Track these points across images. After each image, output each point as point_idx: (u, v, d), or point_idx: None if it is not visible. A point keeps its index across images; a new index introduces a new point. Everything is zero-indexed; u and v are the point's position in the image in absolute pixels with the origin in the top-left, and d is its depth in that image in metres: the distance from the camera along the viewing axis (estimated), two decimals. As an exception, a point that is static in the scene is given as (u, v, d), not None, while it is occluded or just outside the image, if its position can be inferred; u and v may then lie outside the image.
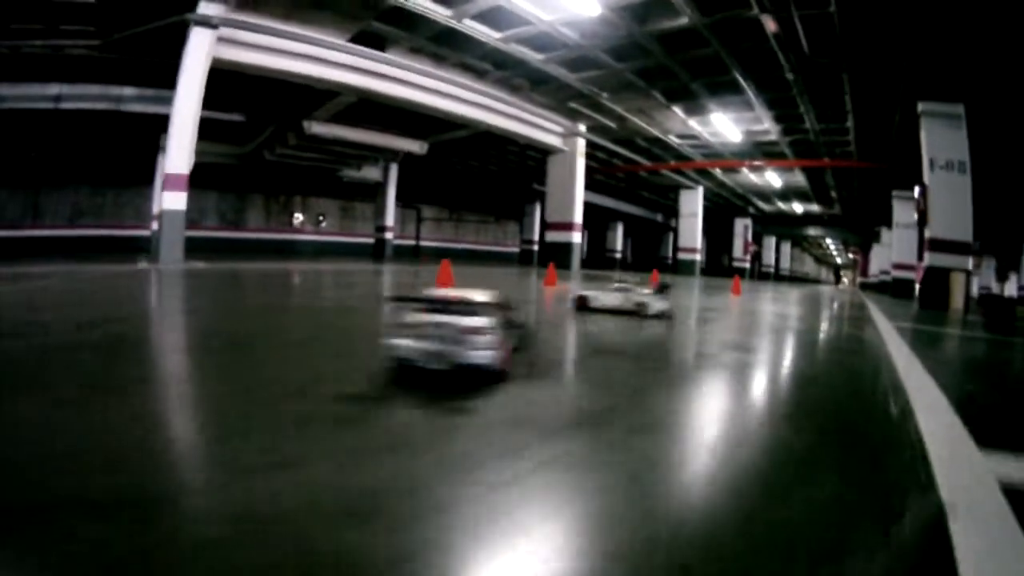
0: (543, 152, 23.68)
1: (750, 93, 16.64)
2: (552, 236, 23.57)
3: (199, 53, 12.54)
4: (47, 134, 19.60)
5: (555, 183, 23.54)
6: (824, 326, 9.05)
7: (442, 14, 13.29)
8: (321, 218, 32.30)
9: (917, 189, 15.60)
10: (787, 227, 46.60)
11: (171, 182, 12.76)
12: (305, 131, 20.46)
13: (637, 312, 7.16)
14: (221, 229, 28.10)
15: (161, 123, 14.50)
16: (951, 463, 2.59)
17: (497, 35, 14.44)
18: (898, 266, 26.18)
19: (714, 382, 4.32)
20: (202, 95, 12.84)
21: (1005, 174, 18.95)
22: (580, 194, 22.89)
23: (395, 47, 15.65)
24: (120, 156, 22.13)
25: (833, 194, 32.03)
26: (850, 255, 61.50)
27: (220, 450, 2.35)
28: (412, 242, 35.81)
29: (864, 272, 44.46)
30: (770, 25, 12.28)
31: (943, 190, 14.67)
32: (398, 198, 31.11)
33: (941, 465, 2.52)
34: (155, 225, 19.43)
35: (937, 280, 14.68)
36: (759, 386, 4.35)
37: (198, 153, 23.18)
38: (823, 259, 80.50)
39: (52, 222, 22.62)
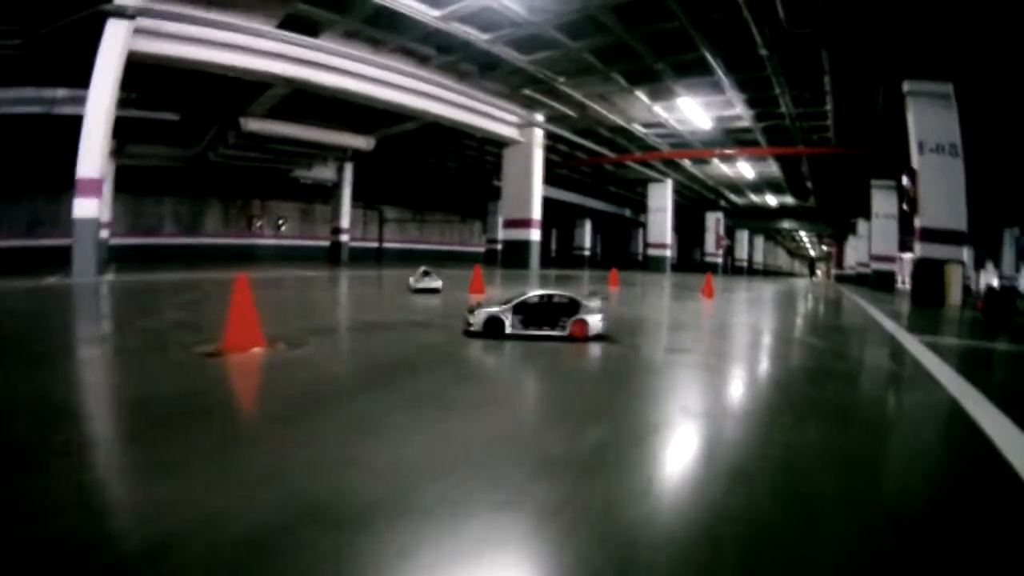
0: (499, 145, 21.93)
1: (720, 73, 14.98)
2: (509, 234, 21.78)
3: (114, 46, 11.10)
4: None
5: (512, 177, 21.73)
6: (833, 349, 7.19)
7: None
8: (281, 221, 31.42)
9: (905, 176, 14.10)
10: (760, 220, 45.39)
11: (83, 187, 11.09)
12: (242, 129, 19.12)
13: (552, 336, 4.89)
14: (179, 235, 27.43)
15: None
16: None
17: (436, 12, 12.74)
18: (878, 258, 25.48)
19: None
20: (116, 92, 11.33)
21: (987, 157, 17.67)
22: (538, 188, 21.14)
23: (329, 32, 14.08)
24: (70, 162, 20.37)
25: (809, 185, 30.55)
26: (824, 247, 61.27)
27: None
28: (375, 244, 34.62)
29: (839, 264, 43.91)
30: None
31: (935, 175, 13.19)
32: (359, 199, 30.66)
33: None
34: (103, 233, 19.12)
35: (931, 273, 13.22)
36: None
37: (141, 156, 22.88)
38: (796, 252, 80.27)
39: (9, 232, 21.78)
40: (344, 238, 28.93)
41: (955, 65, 12.67)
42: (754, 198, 37.62)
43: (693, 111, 18.33)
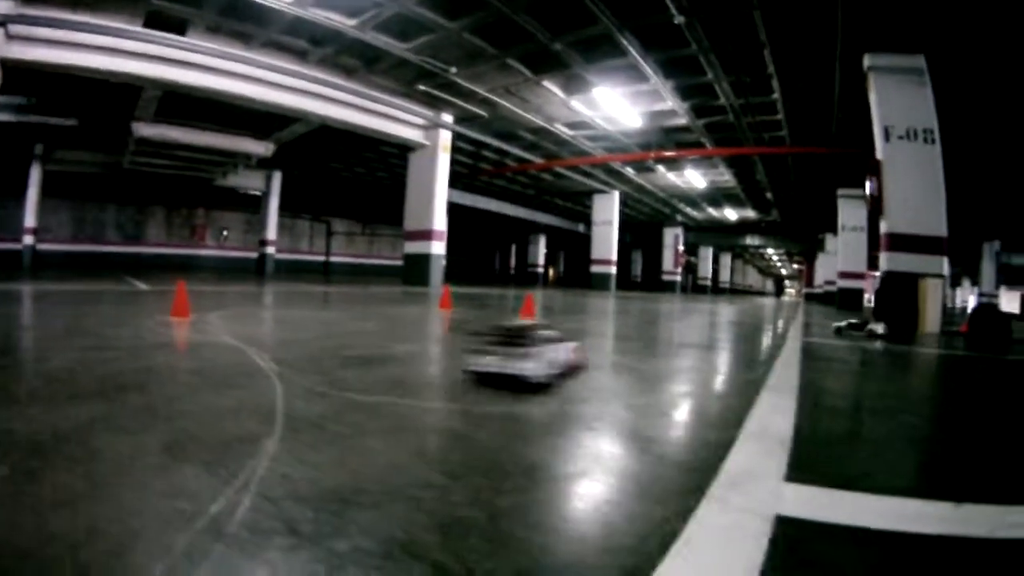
0: (403, 149, 19.60)
1: (634, 54, 12.03)
2: (410, 247, 19.27)
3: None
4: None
5: (415, 185, 19.28)
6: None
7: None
8: (224, 233, 31.02)
9: (869, 175, 11.22)
10: (724, 236, 42.90)
11: None
12: (134, 134, 18.25)
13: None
14: (121, 244, 27.23)
15: (35, 131, 18.17)
16: None
17: None
18: (844, 274, 23.43)
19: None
20: None
21: (965, 155, 15.01)
22: (442, 195, 18.72)
23: (193, 29, 12.85)
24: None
25: (769, 195, 27.72)
26: (795, 266, 60.11)
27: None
28: (321, 258, 34.67)
29: (809, 282, 42.45)
30: None
31: (905, 167, 10.34)
32: (305, 211, 32.38)
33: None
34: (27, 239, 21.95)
35: (900, 290, 10.24)
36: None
37: (69, 163, 22.88)
38: (767, 271, 78.58)
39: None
40: (270, 250, 28.47)
41: (928, 33, 9.96)
42: (713, 212, 34.69)
43: (617, 105, 15.39)
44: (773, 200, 28.85)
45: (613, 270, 28.66)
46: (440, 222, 18.72)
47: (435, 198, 18.54)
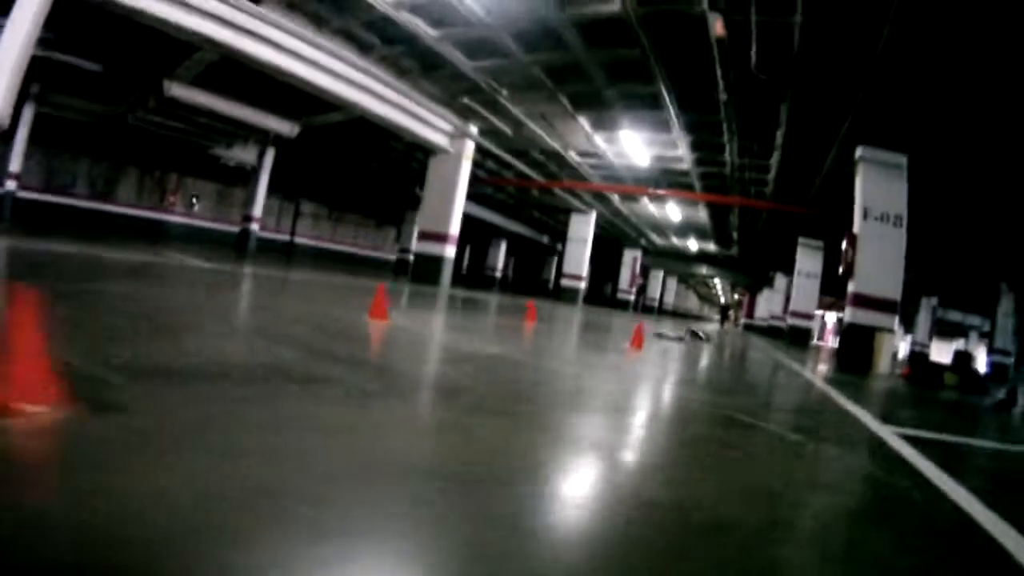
0: (426, 152, 20.43)
1: (671, 111, 14.17)
2: (423, 247, 20.21)
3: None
4: None
5: (434, 187, 20.23)
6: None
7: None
8: (195, 200, 29.35)
9: (845, 240, 13.76)
10: (678, 262, 45.58)
11: None
12: (164, 92, 17.29)
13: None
14: (90, 199, 25.26)
15: (41, 68, 15.32)
16: None
17: None
18: (796, 314, 26.09)
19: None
20: (41, 18, 9.44)
21: (920, 227, 17.79)
22: (460, 203, 19.74)
23: (269, 0, 12.49)
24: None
25: (734, 235, 30.50)
26: (736, 296, 63.17)
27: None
28: (286, 237, 32.39)
29: (749, 314, 45.01)
30: (718, 28, 9.75)
31: (875, 243, 13.05)
32: (278, 189, 29.23)
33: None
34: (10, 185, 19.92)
35: (859, 340, 13.02)
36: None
37: (63, 107, 21.45)
38: (707, 297, 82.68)
39: None
40: (255, 227, 27.13)
41: (912, 138, 12.47)
42: (676, 241, 37.49)
43: (634, 146, 17.50)
44: (737, 239, 31.59)
45: (583, 285, 30.56)
46: (456, 227, 19.71)
47: (454, 204, 19.49)
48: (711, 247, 36.74)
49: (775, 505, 2.52)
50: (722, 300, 72.28)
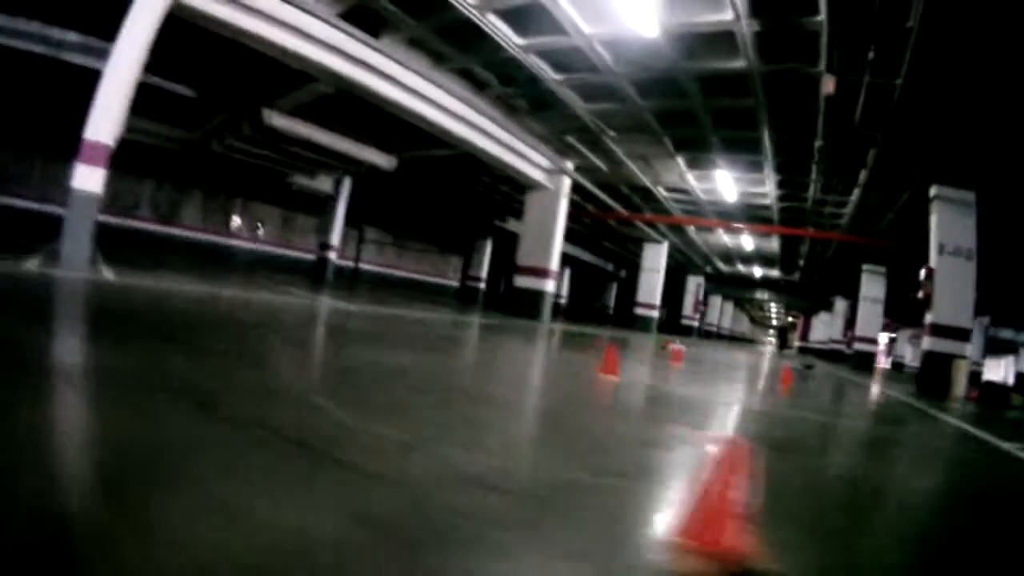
0: (520, 187, 21.18)
1: (768, 154, 15.91)
2: (522, 282, 20.76)
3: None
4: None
5: (533, 223, 20.96)
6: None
7: (467, 1, 10.77)
8: (259, 225, 29.74)
9: (923, 271, 15.22)
10: (738, 288, 46.36)
11: (89, 153, 9.35)
12: (264, 121, 17.35)
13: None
14: (154, 222, 25.49)
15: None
16: None
17: (519, 40, 12.07)
18: (861, 339, 26.84)
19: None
20: (148, 46, 9.78)
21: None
22: (560, 239, 20.39)
23: (392, 35, 12.71)
24: (53, 117, 17.94)
25: (800, 262, 31.87)
26: (789, 319, 63.75)
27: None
28: (351, 264, 32.36)
29: (803, 336, 45.36)
30: (829, 86, 11.33)
31: (949, 276, 14.38)
32: (346, 216, 28.71)
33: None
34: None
35: (938, 366, 14.30)
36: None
37: (138, 131, 19.92)
38: (760, 320, 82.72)
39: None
40: (332, 255, 27.74)
41: (981, 176, 13.88)
42: (741, 268, 38.86)
43: (725, 183, 19.04)
44: (802, 265, 32.79)
45: (656, 314, 31.63)
46: (555, 262, 20.26)
47: (554, 240, 20.06)
48: (774, 272, 37.80)
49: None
50: (775, 323, 72.02)
